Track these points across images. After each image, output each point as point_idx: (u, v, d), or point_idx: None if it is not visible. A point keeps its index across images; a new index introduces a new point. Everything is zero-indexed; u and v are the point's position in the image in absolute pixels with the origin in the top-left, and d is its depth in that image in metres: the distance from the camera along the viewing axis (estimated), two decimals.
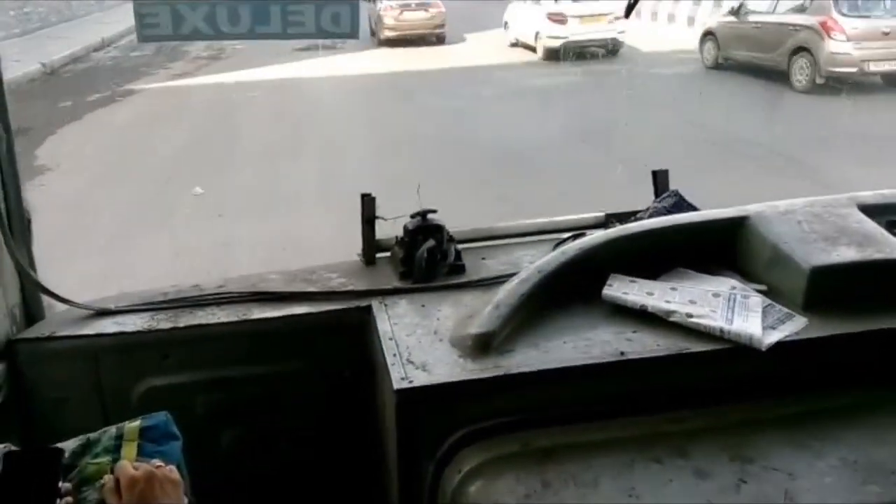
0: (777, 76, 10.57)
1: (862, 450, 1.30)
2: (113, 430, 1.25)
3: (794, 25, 10.49)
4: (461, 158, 7.40)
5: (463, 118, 9.24)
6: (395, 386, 1.36)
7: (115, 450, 1.21)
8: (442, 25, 15.22)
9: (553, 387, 1.39)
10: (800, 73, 10.30)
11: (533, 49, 13.78)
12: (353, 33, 1.63)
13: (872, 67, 10.05)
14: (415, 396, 1.35)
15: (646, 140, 7.07)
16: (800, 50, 10.35)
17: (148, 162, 7.87)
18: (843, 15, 10.17)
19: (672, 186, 1.97)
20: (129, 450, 1.21)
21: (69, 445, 1.23)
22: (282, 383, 1.71)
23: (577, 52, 12.79)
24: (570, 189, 6.05)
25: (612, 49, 13.32)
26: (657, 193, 1.97)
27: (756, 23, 11.15)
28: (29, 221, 1.68)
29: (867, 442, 1.32)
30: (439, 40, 15.25)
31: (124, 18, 12.99)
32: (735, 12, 11.87)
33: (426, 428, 1.38)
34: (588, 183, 6.23)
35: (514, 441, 1.35)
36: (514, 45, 14.67)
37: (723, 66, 11.88)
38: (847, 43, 9.95)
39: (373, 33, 15.26)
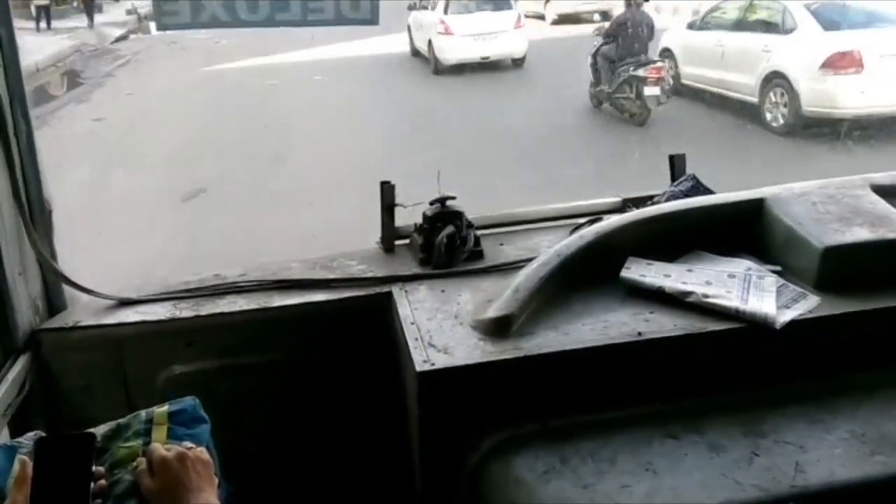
0: None
1: (871, 423, 1.33)
2: (142, 414, 1.25)
3: None
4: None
5: None
6: (418, 368, 1.37)
7: (146, 433, 1.22)
8: None
9: (572, 367, 1.41)
10: None
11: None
12: (373, 19, 1.62)
13: None
14: (437, 378, 1.37)
15: None
16: None
17: None
18: None
19: None
20: (160, 433, 1.22)
21: (100, 430, 1.23)
22: (303, 369, 1.73)
23: None
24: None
25: None
26: (674, 178, 1.97)
27: None
28: (50, 213, 1.68)
29: (877, 416, 1.35)
30: None
31: None
32: None
33: (448, 409, 1.40)
34: None
35: (534, 421, 1.37)
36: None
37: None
38: None
39: None
